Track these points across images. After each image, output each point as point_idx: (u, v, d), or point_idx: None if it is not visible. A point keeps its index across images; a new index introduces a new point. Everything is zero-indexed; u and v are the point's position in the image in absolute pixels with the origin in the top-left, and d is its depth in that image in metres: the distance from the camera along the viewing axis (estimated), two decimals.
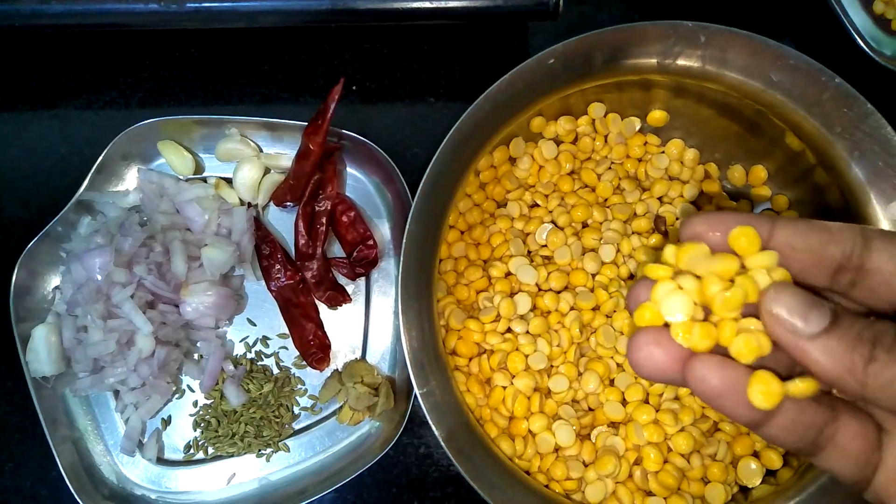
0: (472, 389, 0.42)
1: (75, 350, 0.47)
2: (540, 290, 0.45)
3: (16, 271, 0.48)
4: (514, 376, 0.43)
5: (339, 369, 0.51)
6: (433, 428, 0.35)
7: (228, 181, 0.52)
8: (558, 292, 0.45)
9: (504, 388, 0.42)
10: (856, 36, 0.48)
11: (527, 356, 0.43)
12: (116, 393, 0.50)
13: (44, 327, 0.48)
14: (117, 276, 0.46)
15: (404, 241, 0.38)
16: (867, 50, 0.48)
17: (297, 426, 0.51)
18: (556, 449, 0.42)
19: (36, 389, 0.47)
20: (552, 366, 0.44)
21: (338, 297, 0.51)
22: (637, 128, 0.48)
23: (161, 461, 0.50)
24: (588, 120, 0.48)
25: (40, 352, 0.47)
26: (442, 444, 0.35)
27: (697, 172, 0.48)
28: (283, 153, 0.52)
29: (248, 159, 0.51)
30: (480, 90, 0.55)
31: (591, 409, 0.44)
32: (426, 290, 0.40)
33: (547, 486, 0.42)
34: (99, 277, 0.46)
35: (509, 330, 0.44)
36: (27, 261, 0.48)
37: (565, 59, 0.40)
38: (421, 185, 0.39)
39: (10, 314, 0.50)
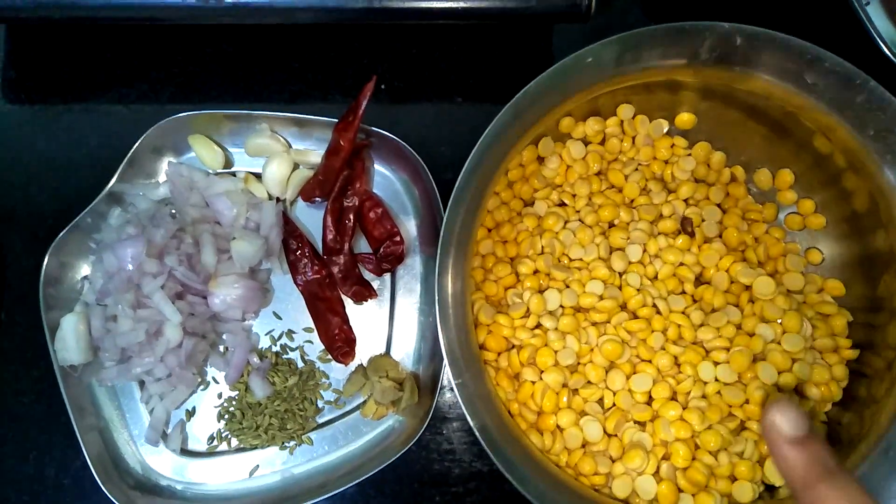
0: (501, 384, 0.43)
1: (104, 339, 0.47)
2: (568, 287, 0.45)
3: (46, 260, 0.48)
4: (542, 371, 0.43)
5: (364, 364, 0.51)
6: (468, 419, 0.35)
7: (257, 176, 0.53)
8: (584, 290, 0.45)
9: (533, 382, 0.43)
10: (881, 43, 0.49)
11: (556, 352, 0.43)
12: (142, 384, 0.50)
13: (73, 316, 0.48)
14: (148, 266, 0.46)
15: (442, 231, 0.38)
16: (892, 57, 0.49)
17: (320, 420, 0.51)
18: (584, 444, 0.43)
19: (63, 378, 0.48)
20: (579, 363, 0.44)
21: (364, 293, 0.51)
22: (665, 130, 0.49)
23: (185, 452, 0.50)
24: (616, 121, 0.48)
25: (68, 340, 0.47)
26: (477, 434, 0.35)
27: (724, 175, 0.49)
28: (313, 149, 0.53)
29: (278, 154, 0.51)
30: (508, 91, 0.55)
31: (616, 406, 0.44)
32: (461, 282, 0.40)
33: (575, 480, 0.42)
34: (130, 267, 0.46)
35: (538, 326, 0.44)
36: (57, 251, 0.49)
37: (601, 58, 0.40)
38: (460, 176, 0.39)
39: (38, 303, 0.51)
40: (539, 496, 0.37)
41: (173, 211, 0.50)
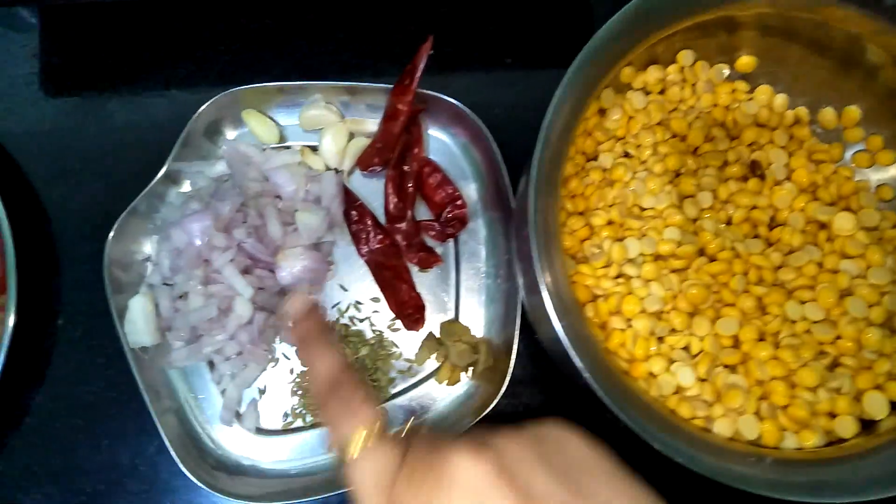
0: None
1: (174, 319, 0.47)
2: (644, 235, 0.45)
3: (108, 244, 0.47)
4: (630, 319, 0.42)
5: (433, 332, 0.51)
6: (575, 361, 0.34)
7: (312, 148, 0.52)
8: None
9: (622, 331, 0.42)
10: None
11: (642, 299, 0.42)
12: (211, 364, 0.50)
13: (140, 297, 0.47)
14: (217, 240, 0.45)
15: (532, 177, 0.37)
16: None
17: (392, 390, 0.50)
18: (677, 391, 0.42)
19: (135, 361, 0.47)
20: (662, 311, 0.44)
21: (429, 259, 0.51)
22: (725, 74, 0.48)
23: (259, 431, 0.50)
24: (677, 68, 0.47)
25: (138, 322, 0.47)
26: (585, 375, 0.34)
27: (787, 118, 0.48)
28: (367, 118, 0.52)
29: (334, 125, 0.51)
30: (558, 50, 0.55)
31: (704, 352, 0.44)
32: (553, 229, 0.39)
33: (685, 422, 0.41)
34: (198, 242, 0.46)
35: (619, 275, 0.44)
36: (119, 234, 0.48)
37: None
38: (542, 130, 0.39)
39: (98, 289, 0.51)
40: (659, 441, 0.36)
41: (236, 186, 0.49)
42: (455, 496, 0.27)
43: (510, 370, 0.47)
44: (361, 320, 0.51)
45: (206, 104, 0.49)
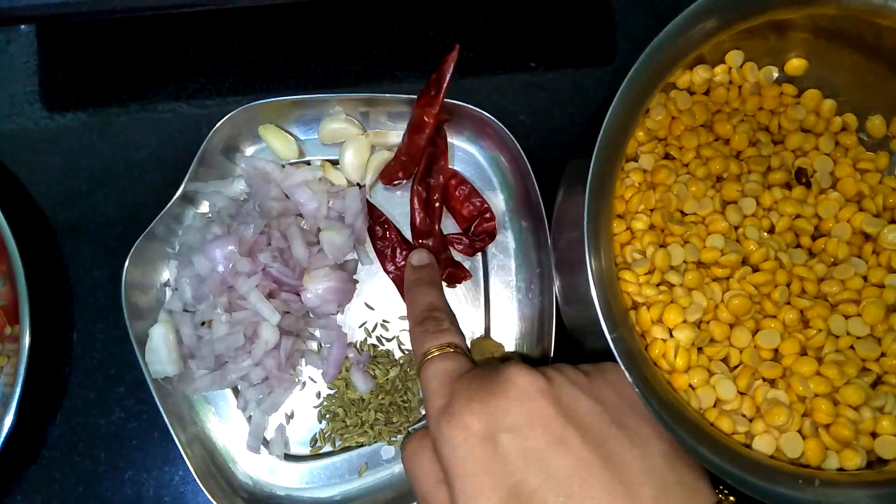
0: None
1: (199, 347, 0.45)
2: (687, 242, 0.43)
3: (125, 269, 0.45)
4: (671, 329, 0.41)
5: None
6: (626, 374, 0.33)
7: (332, 163, 0.50)
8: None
9: (664, 340, 0.41)
10: None
11: (684, 308, 0.41)
12: (235, 390, 0.48)
13: (161, 326, 0.45)
14: (242, 265, 0.44)
15: (587, 190, 0.36)
16: None
17: (423, 411, 0.49)
18: (715, 404, 0.41)
19: (157, 390, 0.45)
20: (702, 321, 0.42)
21: (458, 274, 0.49)
22: (774, 77, 0.46)
23: (287, 457, 0.48)
24: (725, 69, 0.46)
25: (160, 351, 0.45)
26: (636, 389, 0.33)
27: (834, 124, 0.47)
28: (389, 130, 0.50)
29: (355, 138, 0.49)
30: (580, 52, 0.53)
31: (744, 364, 0.42)
32: (604, 236, 0.38)
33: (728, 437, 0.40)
34: (221, 269, 0.44)
35: (660, 283, 0.42)
36: (135, 258, 0.46)
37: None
38: (602, 131, 0.37)
39: (114, 316, 0.49)
40: (710, 462, 0.35)
41: (256, 207, 0.47)
42: (505, 396, 0.32)
43: None
44: (390, 339, 0.49)
45: (222, 121, 0.47)
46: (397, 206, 0.50)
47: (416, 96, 0.47)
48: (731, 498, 0.39)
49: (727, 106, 0.46)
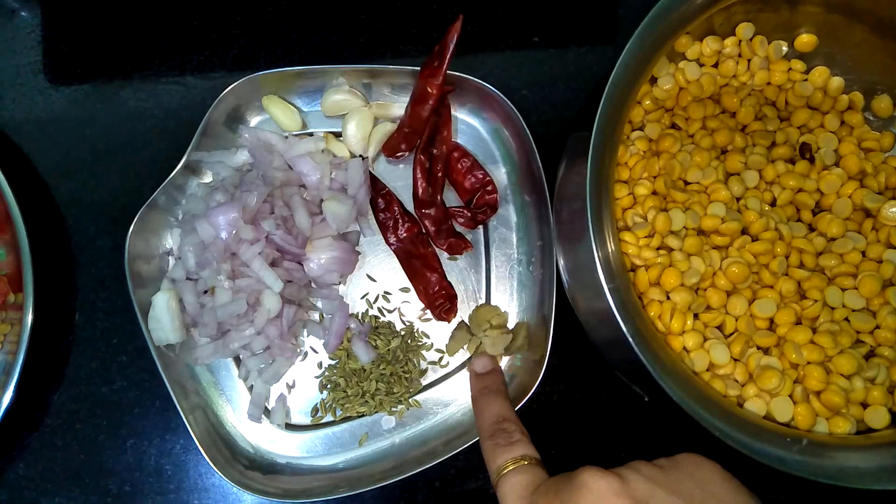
0: None
1: (201, 315, 0.45)
2: (688, 209, 0.43)
3: (129, 239, 0.45)
4: (668, 292, 0.41)
5: (465, 320, 0.49)
6: (621, 324, 0.33)
7: (335, 135, 0.50)
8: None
9: (660, 302, 0.41)
10: None
11: (682, 272, 0.41)
12: (236, 360, 0.48)
13: (164, 294, 0.46)
14: (245, 232, 0.44)
15: (590, 157, 0.36)
16: None
17: (424, 382, 0.49)
18: (709, 368, 0.41)
19: (160, 359, 0.45)
20: (699, 287, 0.43)
21: (459, 245, 0.49)
22: (784, 52, 0.47)
23: (289, 426, 0.48)
24: (735, 41, 0.46)
25: (163, 319, 0.45)
26: (629, 339, 0.33)
27: (841, 102, 0.47)
28: (391, 101, 0.50)
29: (358, 110, 0.49)
30: (584, 27, 0.53)
31: (738, 332, 0.43)
32: (606, 199, 0.38)
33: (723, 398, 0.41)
34: (224, 235, 0.44)
35: (660, 247, 0.42)
36: (139, 228, 0.46)
37: None
38: (603, 98, 0.37)
39: (118, 286, 0.49)
40: (697, 414, 0.35)
41: (260, 176, 0.47)
42: (583, 502, 0.31)
43: (546, 356, 0.45)
44: (391, 311, 0.50)
45: (226, 91, 0.47)
46: (399, 178, 0.51)
47: (419, 68, 0.47)
48: None
49: (735, 80, 0.46)
